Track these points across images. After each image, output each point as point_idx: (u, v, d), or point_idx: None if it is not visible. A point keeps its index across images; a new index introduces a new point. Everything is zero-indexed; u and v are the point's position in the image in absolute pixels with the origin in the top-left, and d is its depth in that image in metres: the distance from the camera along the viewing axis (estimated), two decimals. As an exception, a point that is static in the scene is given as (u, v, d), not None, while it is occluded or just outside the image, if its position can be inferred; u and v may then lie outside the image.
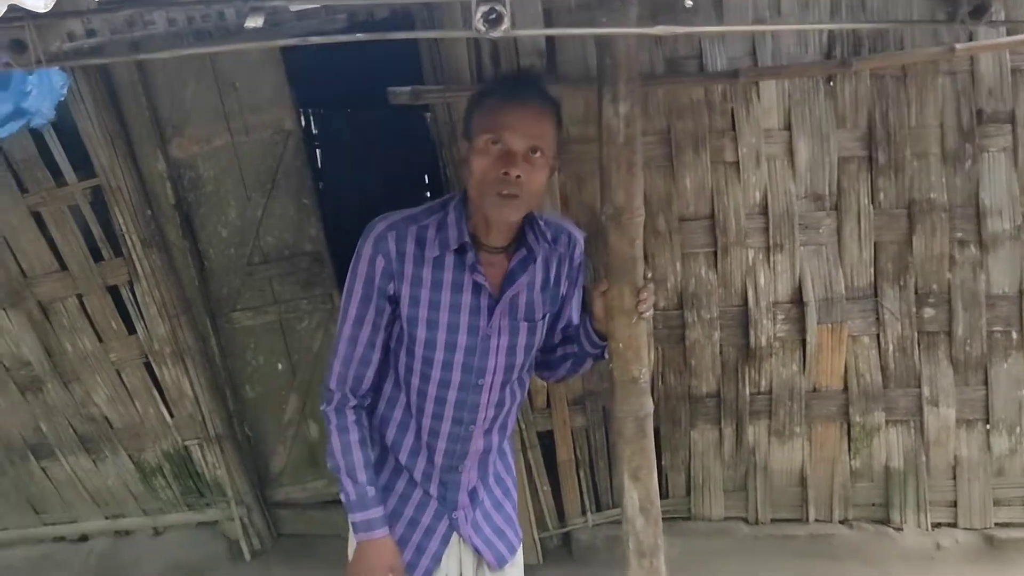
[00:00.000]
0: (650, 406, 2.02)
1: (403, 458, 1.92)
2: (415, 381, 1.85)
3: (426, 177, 7.32)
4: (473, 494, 1.98)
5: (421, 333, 1.79)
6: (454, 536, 1.95)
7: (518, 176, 1.66)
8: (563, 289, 1.96)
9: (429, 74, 2.97)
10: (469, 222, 1.78)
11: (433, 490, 1.93)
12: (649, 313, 1.98)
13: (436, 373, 1.82)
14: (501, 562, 2.01)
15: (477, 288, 1.79)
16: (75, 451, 3.62)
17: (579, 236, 1.98)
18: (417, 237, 1.76)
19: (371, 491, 1.82)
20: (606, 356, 2.00)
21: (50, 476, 3.70)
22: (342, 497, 1.84)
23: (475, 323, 1.80)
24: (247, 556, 3.64)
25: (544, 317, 1.91)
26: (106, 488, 3.70)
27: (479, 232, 1.80)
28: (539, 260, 1.86)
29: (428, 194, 6.96)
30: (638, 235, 1.93)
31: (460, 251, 1.76)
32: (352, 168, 7.09)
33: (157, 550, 3.71)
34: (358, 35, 1.38)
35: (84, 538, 3.83)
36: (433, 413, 1.87)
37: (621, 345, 1.95)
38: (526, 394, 2.04)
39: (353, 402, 1.85)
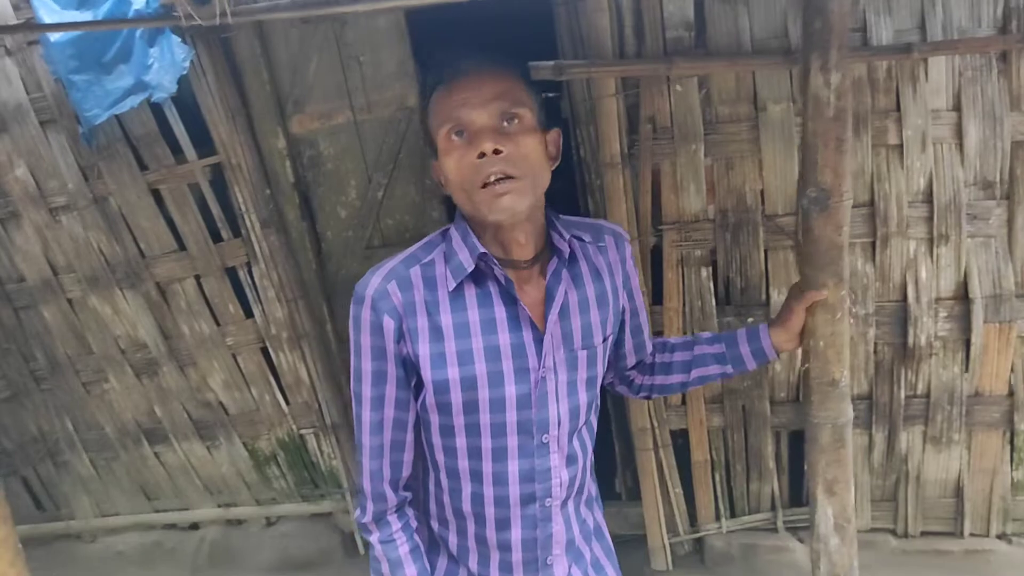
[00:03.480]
0: (850, 412, 1.83)
1: (473, 566, 1.58)
2: (463, 464, 1.49)
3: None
4: None
5: (456, 397, 1.42)
6: None
7: (497, 151, 1.32)
8: (622, 300, 1.63)
9: (568, 49, 2.80)
10: (480, 240, 1.44)
11: None
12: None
13: (486, 442, 1.46)
14: None
15: (515, 320, 1.42)
16: (189, 437, 3.58)
17: (625, 235, 1.64)
18: (424, 278, 1.43)
19: None
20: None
21: (163, 462, 3.68)
22: None
23: (522, 366, 1.43)
24: (361, 550, 3.55)
25: (606, 340, 1.55)
26: (219, 476, 3.65)
27: (495, 251, 1.44)
28: (585, 269, 1.52)
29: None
30: (845, 221, 1.74)
31: (479, 278, 1.43)
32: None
33: (269, 541, 3.64)
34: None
35: (195, 526, 3.79)
36: (495, 498, 1.49)
37: (822, 344, 1.77)
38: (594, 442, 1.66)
39: (394, 501, 1.52)
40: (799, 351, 1.80)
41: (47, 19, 2.64)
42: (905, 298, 2.84)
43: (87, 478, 3.77)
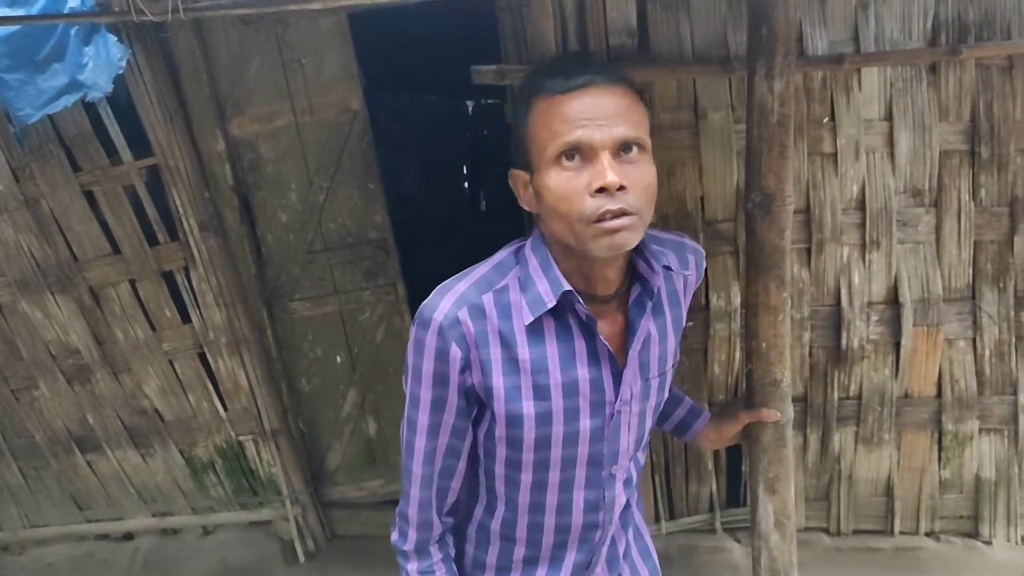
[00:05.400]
0: (791, 412, 1.87)
1: None
2: (524, 498, 1.43)
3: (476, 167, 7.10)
4: None
5: (529, 433, 1.34)
6: None
7: (621, 187, 1.18)
8: (685, 318, 1.54)
9: (511, 54, 2.80)
10: (559, 267, 1.32)
11: None
12: None
13: (554, 476, 1.40)
14: None
15: (594, 355, 1.34)
16: (123, 445, 3.48)
17: (702, 251, 1.58)
18: (498, 305, 1.31)
19: None
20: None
21: (96, 471, 3.57)
22: None
23: (599, 400, 1.36)
24: (301, 558, 3.49)
25: (674, 365, 1.50)
26: (154, 484, 3.56)
27: (575, 283, 1.32)
28: (664, 296, 1.43)
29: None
30: (787, 225, 1.78)
31: (558, 311, 1.31)
32: (415, 156, 6.81)
33: (206, 550, 3.57)
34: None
35: (129, 536, 3.70)
36: (556, 526, 1.45)
37: (764, 345, 1.81)
38: None
39: (439, 530, 1.46)
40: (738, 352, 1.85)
41: (-24, 15, 2.56)
42: (839, 302, 2.91)
43: (15, 487, 3.65)
